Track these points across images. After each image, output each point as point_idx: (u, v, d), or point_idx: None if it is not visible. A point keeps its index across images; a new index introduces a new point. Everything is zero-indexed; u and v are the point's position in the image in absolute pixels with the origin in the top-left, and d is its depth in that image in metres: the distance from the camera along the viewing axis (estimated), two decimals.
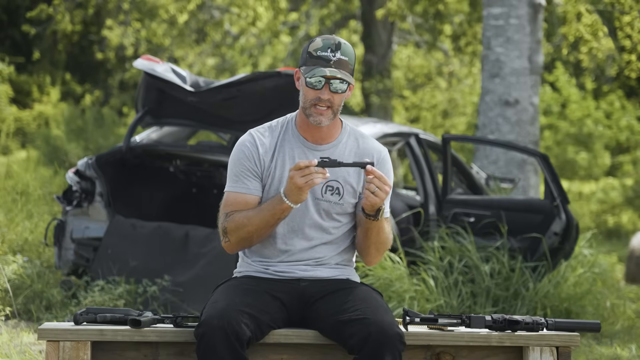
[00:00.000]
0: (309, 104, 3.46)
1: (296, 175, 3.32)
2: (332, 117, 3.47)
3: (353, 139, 3.59)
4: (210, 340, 3.24)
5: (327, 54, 3.44)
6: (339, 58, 3.44)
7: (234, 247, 3.51)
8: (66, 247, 7.00)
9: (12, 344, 5.52)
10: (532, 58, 10.27)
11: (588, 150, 18.05)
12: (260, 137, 3.55)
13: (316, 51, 3.45)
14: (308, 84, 3.44)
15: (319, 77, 3.42)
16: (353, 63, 3.48)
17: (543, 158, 7.18)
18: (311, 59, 3.45)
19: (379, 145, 3.61)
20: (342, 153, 3.55)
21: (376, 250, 3.54)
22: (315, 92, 3.44)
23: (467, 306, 6.65)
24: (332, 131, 3.55)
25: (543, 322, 3.53)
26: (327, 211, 3.52)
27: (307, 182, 3.32)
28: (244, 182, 3.51)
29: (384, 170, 3.55)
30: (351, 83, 3.47)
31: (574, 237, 7.09)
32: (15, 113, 16.85)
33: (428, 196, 7.26)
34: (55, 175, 10.75)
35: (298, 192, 3.35)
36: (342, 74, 3.42)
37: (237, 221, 3.45)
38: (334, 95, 3.45)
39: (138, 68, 6.83)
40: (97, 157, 7.09)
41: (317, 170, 3.32)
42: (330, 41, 3.46)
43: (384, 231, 3.50)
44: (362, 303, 3.40)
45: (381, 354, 3.26)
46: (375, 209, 3.42)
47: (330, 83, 3.43)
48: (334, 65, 3.43)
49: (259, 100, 6.69)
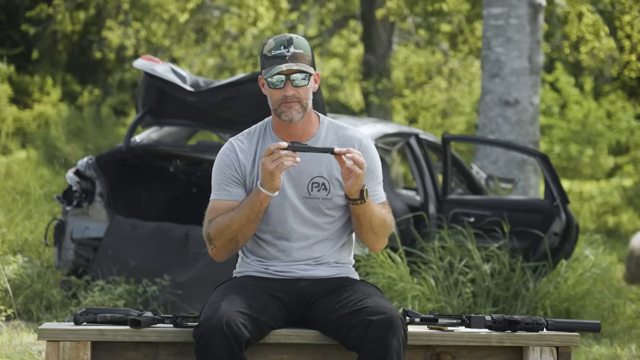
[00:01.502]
0: (277, 104, 3.47)
1: (267, 160, 3.34)
2: (302, 110, 3.47)
3: (332, 132, 3.58)
4: (208, 341, 3.24)
5: (280, 52, 3.45)
6: (293, 52, 3.45)
7: (221, 252, 3.52)
8: (66, 247, 7.00)
9: (12, 344, 5.52)
10: (532, 58, 10.27)
11: (590, 150, 18.05)
12: (239, 144, 3.57)
13: (270, 51, 3.47)
14: (270, 85, 3.46)
15: (277, 75, 3.42)
16: (310, 54, 3.49)
17: (543, 158, 7.18)
18: (267, 60, 3.47)
19: (359, 133, 3.60)
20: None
21: (374, 235, 3.53)
22: (279, 92, 3.46)
23: (467, 306, 6.65)
24: (308, 128, 3.55)
25: (543, 322, 3.53)
26: (317, 208, 3.52)
27: (278, 165, 3.34)
28: (226, 189, 3.53)
29: (368, 157, 3.55)
30: (312, 74, 3.47)
31: (574, 237, 7.10)
32: (15, 113, 16.84)
33: (428, 196, 7.26)
34: (55, 175, 10.75)
35: (271, 178, 3.36)
36: (299, 66, 3.43)
37: (219, 224, 3.47)
38: (299, 90, 3.45)
39: (138, 68, 6.83)
40: (97, 157, 7.09)
41: (286, 153, 3.33)
42: (282, 38, 3.47)
43: (377, 214, 3.50)
44: (361, 296, 3.41)
45: (386, 338, 3.26)
46: (357, 191, 3.42)
47: (292, 79, 3.44)
48: (290, 60, 3.43)
49: (259, 100, 6.65)
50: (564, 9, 10.93)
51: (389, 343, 3.26)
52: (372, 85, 16.68)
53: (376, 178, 3.59)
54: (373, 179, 3.57)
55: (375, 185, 3.58)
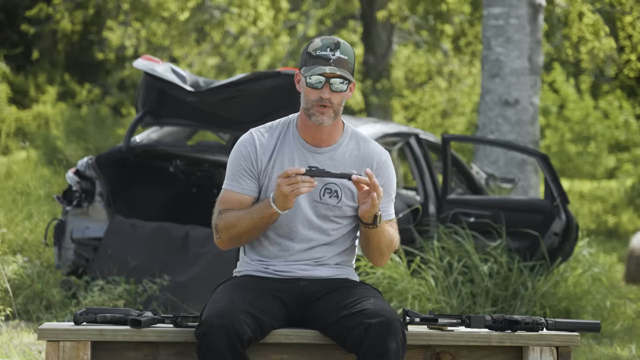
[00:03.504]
0: (311, 104, 3.45)
1: (283, 183, 3.33)
2: (333, 117, 3.47)
3: (354, 142, 3.57)
4: (211, 339, 3.24)
5: (326, 53, 3.44)
6: (338, 57, 3.44)
7: (225, 244, 3.53)
8: (66, 247, 7.00)
9: (12, 344, 5.51)
10: (532, 58, 10.27)
11: (590, 150, 18.05)
12: (260, 137, 3.55)
13: (315, 51, 3.45)
14: (308, 84, 3.44)
15: (318, 76, 3.41)
16: (353, 62, 3.48)
17: (543, 158, 7.18)
18: (311, 59, 3.45)
19: (380, 148, 3.59)
20: (342, 156, 3.53)
21: (380, 254, 3.54)
22: (316, 92, 3.44)
23: (466, 306, 6.65)
24: (333, 134, 3.54)
25: (543, 322, 3.53)
26: (325, 214, 3.51)
27: (293, 190, 3.32)
28: (239, 182, 3.52)
29: (385, 174, 3.55)
30: (352, 82, 3.46)
31: (574, 237, 7.09)
32: (15, 113, 16.84)
33: (428, 196, 7.26)
34: (55, 175, 10.74)
35: (284, 200, 3.35)
36: (341, 72, 3.42)
37: (227, 220, 3.47)
38: (335, 95, 3.44)
39: (138, 68, 6.83)
40: (97, 157, 7.09)
41: (303, 179, 3.31)
42: (330, 41, 3.46)
43: (386, 235, 3.50)
44: (360, 298, 3.40)
45: (384, 341, 3.26)
46: (371, 217, 3.42)
47: (331, 83, 3.43)
48: (334, 64, 3.43)
49: (259, 100, 6.69)
50: (564, 9, 10.93)
51: (388, 346, 3.26)
52: (372, 85, 16.68)
53: (389, 195, 3.57)
54: (386, 196, 3.55)
55: (388, 202, 3.56)
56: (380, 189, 3.37)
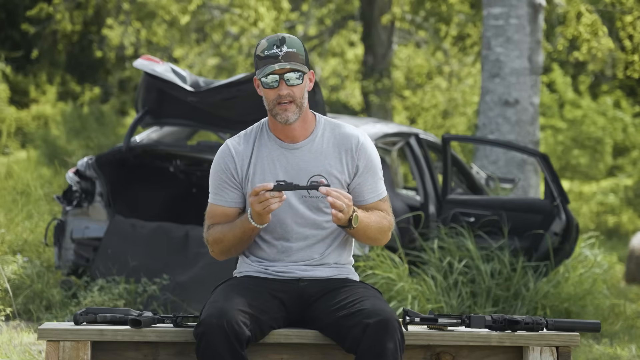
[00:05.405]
0: (272, 105, 3.49)
1: (254, 201, 3.36)
2: (297, 111, 3.48)
3: (329, 131, 3.58)
4: (209, 339, 3.24)
5: (273, 51, 3.46)
6: (286, 51, 3.45)
7: (219, 256, 3.58)
8: (66, 247, 7.00)
9: (12, 344, 5.51)
10: (532, 58, 10.27)
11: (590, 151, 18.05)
12: (235, 146, 3.59)
13: (263, 52, 3.48)
14: (265, 85, 3.48)
15: (271, 75, 3.43)
16: (303, 53, 3.49)
17: (543, 158, 7.18)
18: (261, 61, 3.48)
19: (356, 131, 3.59)
20: (320, 147, 3.54)
21: (373, 241, 3.58)
22: (274, 91, 3.47)
23: (467, 306, 6.65)
24: (305, 127, 3.55)
25: (543, 322, 3.53)
26: (317, 206, 3.52)
27: (265, 208, 3.35)
28: (222, 195, 3.55)
29: (365, 154, 3.55)
30: (305, 72, 3.47)
31: (574, 237, 7.09)
32: (14, 113, 16.84)
33: (428, 196, 7.26)
34: (55, 175, 10.75)
35: (259, 217, 3.39)
36: (292, 65, 3.43)
37: (214, 236, 3.52)
38: (293, 89, 3.46)
39: (138, 68, 6.83)
40: (97, 157, 7.09)
41: (272, 195, 3.33)
42: (274, 38, 3.48)
43: (372, 227, 3.51)
44: (359, 298, 3.41)
45: (383, 341, 3.26)
46: (345, 222, 3.42)
47: (286, 79, 3.45)
48: (283, 59, 3.44)
49: (259, 100, 6.66)
50: (563, 8, 10.92)
51: (386, 346, 3.26)
52: (372, 85, 16.67)
53: (376, 174, 3.58)
54: (373, 175, 3.56)
55: (376, 181, 3.58)
56: (348, 196, 3.38)
